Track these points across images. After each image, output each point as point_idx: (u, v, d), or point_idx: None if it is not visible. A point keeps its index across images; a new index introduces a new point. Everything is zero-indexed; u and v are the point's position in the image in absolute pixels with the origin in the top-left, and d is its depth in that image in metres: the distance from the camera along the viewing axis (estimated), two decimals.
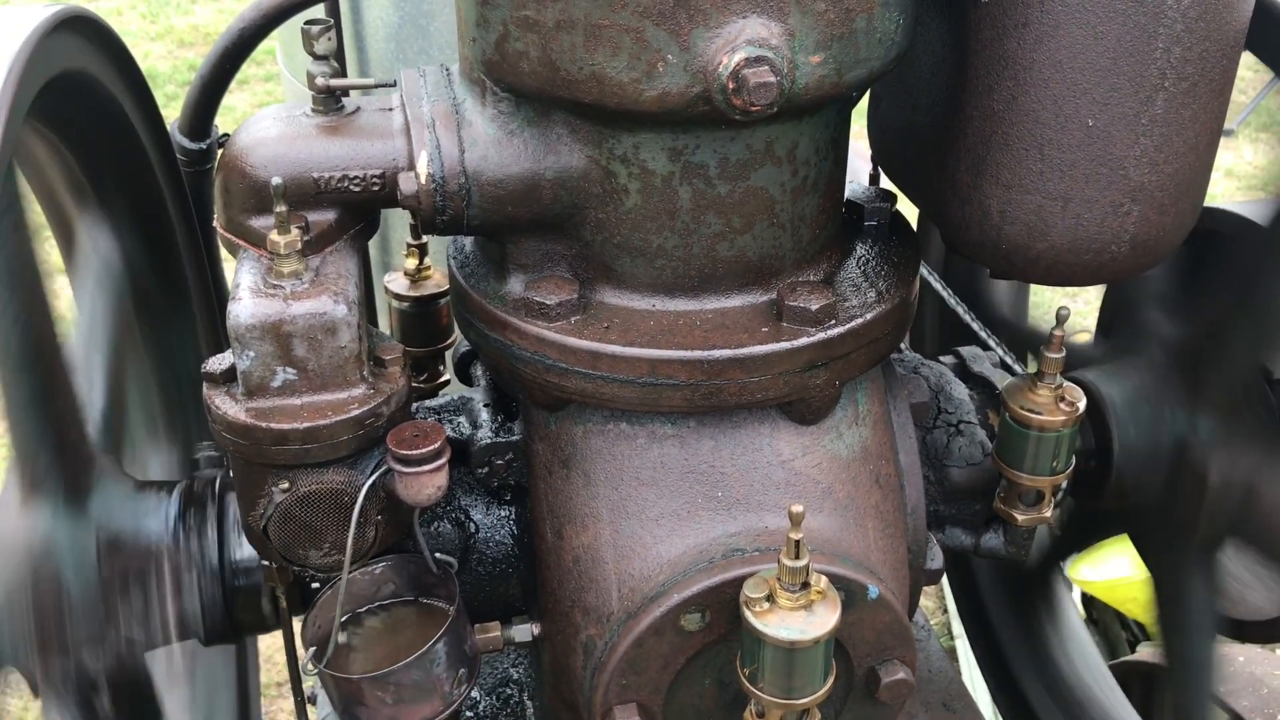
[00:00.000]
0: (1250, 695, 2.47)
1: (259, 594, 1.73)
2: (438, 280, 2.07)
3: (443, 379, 2.15)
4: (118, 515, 1.69)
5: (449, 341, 2.12)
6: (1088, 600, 3.85)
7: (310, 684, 1.97)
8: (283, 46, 3.31)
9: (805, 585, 1.40)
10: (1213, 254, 1.85)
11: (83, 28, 1.77)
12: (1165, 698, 2.58)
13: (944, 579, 2.92)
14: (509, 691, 2.09)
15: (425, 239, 2.07)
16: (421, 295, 2.06)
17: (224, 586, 1.73)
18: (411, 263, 2.06)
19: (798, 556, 1.38)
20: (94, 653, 1.63)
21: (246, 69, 2.31)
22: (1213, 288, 1.89)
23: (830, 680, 1.45)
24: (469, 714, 2.05)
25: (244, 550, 1.73)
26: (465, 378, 1.91)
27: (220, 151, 2.29)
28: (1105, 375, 1.96)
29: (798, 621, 1.39)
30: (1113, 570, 3.55)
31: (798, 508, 1.35)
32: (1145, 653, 3.03)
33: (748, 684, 1.45)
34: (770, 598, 1.40)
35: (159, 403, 2.29)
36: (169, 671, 2.15)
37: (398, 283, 2.07)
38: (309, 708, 1.86)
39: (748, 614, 1.40)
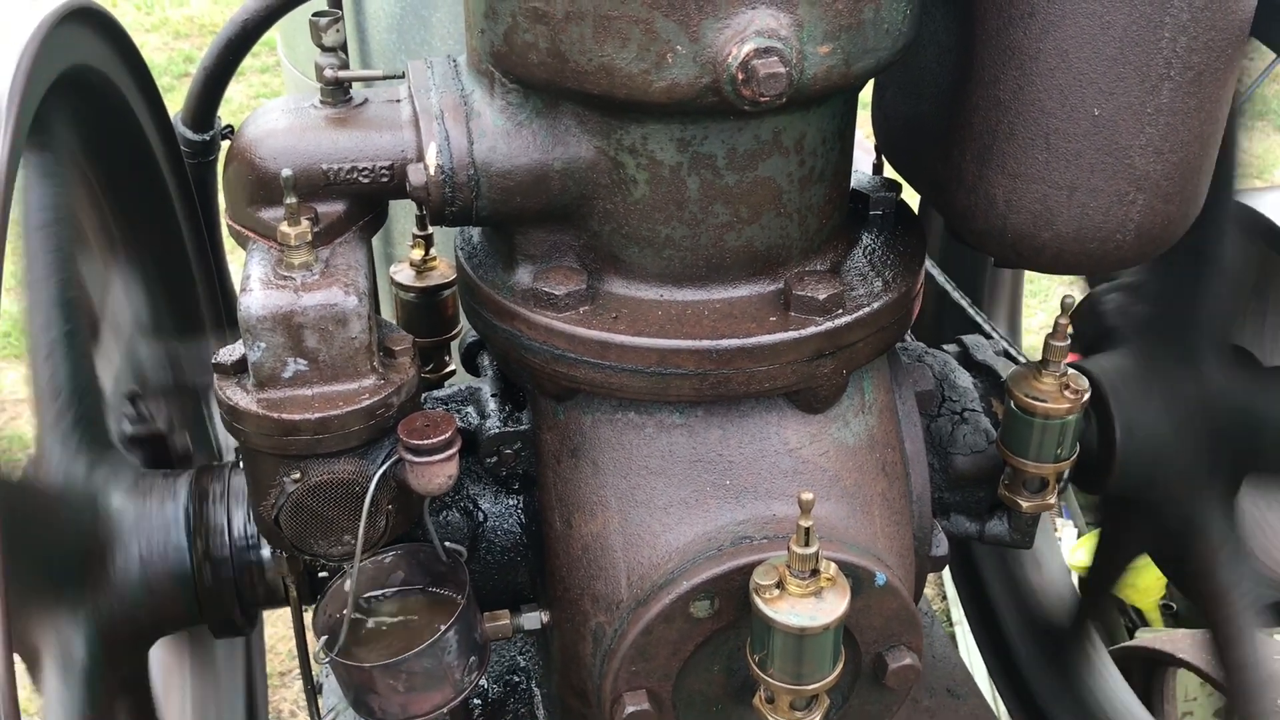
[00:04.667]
0: None
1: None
2: (443, 271, 2.08)
3: (449, 369, 2.16)
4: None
5: (455, 332, 2.12)
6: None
7: (318, 672, 1.98)
8: (284, 38, 3.31)
9: (815, 572, 1.41)
10: None
11: (89, 20, 1.77)
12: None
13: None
14: (516, 679, 2.10)
15: (431, 230, 2.07)
16: (427, 286, 2.07)
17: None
18: (417, 253, 2.06)
19: (807, 543, 1.39)
20: None
21: (243, 61, 2.31)
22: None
23: (839, 666, 1.46)
24: (477, 701, 2.06)
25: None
26: (472, 368, 1.92)
27: (225, 143, 2.30)
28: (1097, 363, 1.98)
29: (807, 608, 1.40)
30: None
31: (807, 495, 1.36)
32: (1145, 638, 3.04)
33: (757, 670, 1.46)
34: (780, 584, 1.41)
35: None
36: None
37: (403, 273, 2.08)
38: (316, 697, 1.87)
39: (758, 601, 1.41)
